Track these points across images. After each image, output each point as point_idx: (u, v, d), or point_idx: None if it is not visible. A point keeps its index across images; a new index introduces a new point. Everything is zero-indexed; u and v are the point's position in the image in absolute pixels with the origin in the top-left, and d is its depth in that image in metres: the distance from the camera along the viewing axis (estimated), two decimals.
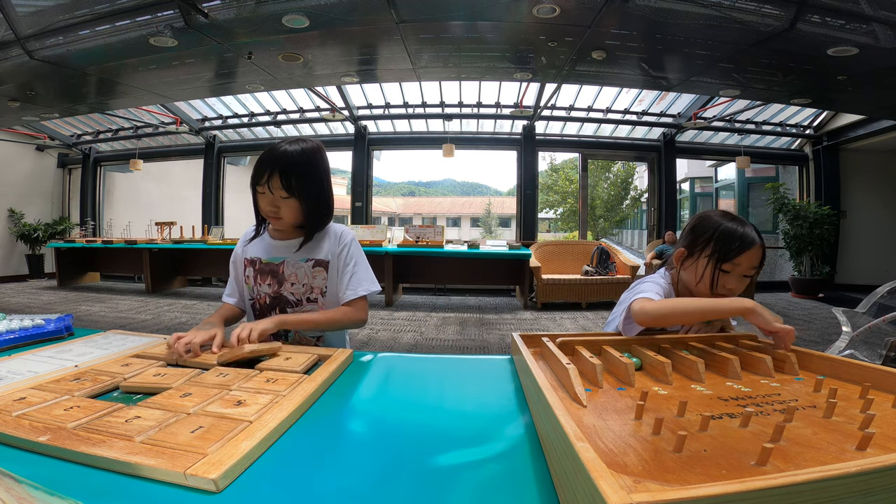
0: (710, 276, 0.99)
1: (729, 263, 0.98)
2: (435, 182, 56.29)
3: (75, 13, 3.05)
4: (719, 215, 1.04)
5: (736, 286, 0.99)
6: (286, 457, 0.52)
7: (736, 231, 0.98)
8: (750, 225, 1.01)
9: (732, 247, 0.97)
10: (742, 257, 0.97)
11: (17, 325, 1.02)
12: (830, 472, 0.32)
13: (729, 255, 0.97)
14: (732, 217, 1.02)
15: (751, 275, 1.00)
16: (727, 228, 0.99)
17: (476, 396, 0.76)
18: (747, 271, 0.99)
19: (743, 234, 0.98)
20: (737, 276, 0.99)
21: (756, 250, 0.98)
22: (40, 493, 0.30)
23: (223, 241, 5.98)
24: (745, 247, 0.97)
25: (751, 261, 0.98)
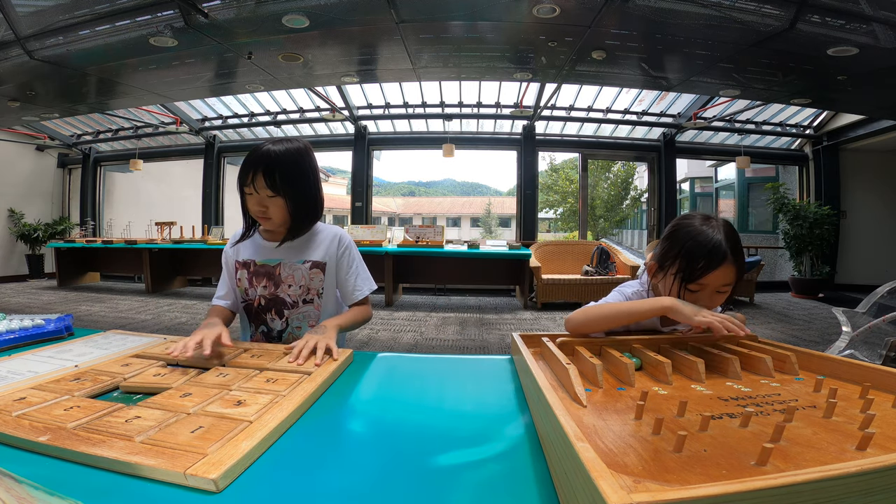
0: (675, 295, 0.90)
1: (695, 284, 0.89)
2: (435, 182, 56.29)
3: (75, 13, 3.04)
4: (694, 224, 0.93)
5: (709, 304, 0.89)
6: (286, 457, 0.52)
7: (703, 248, 0.88)
8: (727, 237, 0.89)
9: (697, 266, 0.87)
10: (709, 277, 0.87)
11: (17, 325, 1.02)
12: (830, 472, 0.32)
13: (694, 276, 0.88)
14: (708, 227, 0.91)
15: (725, 291, 0.91)
16: (695, 245, 0.89)
17: (476, 396, 0.76)
18: (720, 289, 0.90)
19: (711, 252, 0.87)
20: (708, 294, 0.90)
21: (726, 269, 0.87)
22: (40, 493, 0.30)
23: (223, 241, 5.98)
24: (712, 266, 0.87)
25: (720, 279, 0.88)
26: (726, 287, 0.90)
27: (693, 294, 0.90)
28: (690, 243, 0.90)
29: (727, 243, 0.88)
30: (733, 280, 0.89)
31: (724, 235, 0.89)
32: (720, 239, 0.88)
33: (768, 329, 4.23)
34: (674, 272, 0.91)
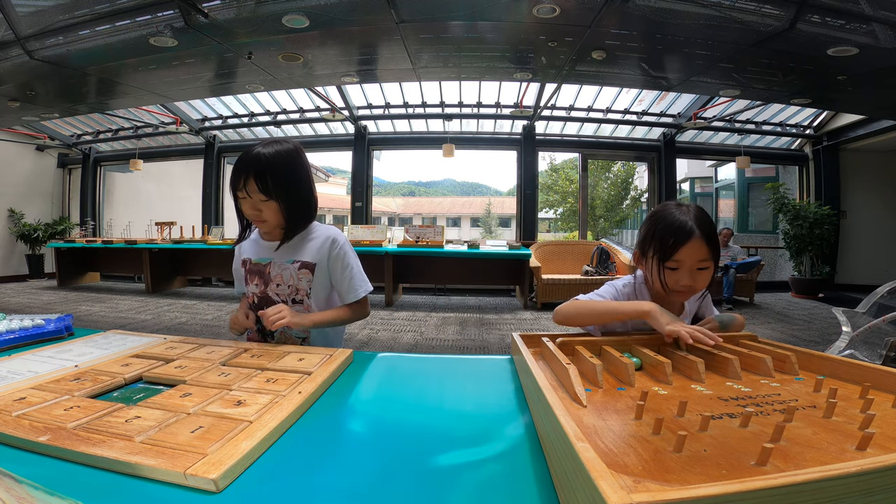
0: (657, 276, 0.96)
1: (671, 261, 0.94)
2: (435, 182, 56.30)
3: (75, 13, 3.05)
4: (665, 209, 0.99)
5: (690, 282, 0.94)
6: (286, 457, 0.52)
7: (672, 226, 0.94)
8: (696, 217, 0.95)
9: (669, 244, 0.94)
10: (681, 252, 0.93)
11: (17, 325, 1.02)
12: (830, 472, 0.32)
13: (668, 253, 0.94)
14: (678, 210, 0.97)
15: (704, 267, 0.95)
16: (665, 225, 0.96)
17: (476, 396, 0.76)
18: (697, 265, 0.94)
19: (679, 229, 0.93)
20: (687, 271, 0.94)
21: (696, 243, 0.92)
22: (40, 493, 0.30)
23: (223, 241, 5.98)
24: (682, 241, 0.92)
25: (694, 254, 0.93)
26: (703, 263, 0.94)
27: (674, 273, 0.95)
28: (661, 225, 0.96)
29: (695, 222, 0.94)
30: (707, 256, 0.93)
31: (692, 216, 0.95)
32: (687, 219, 0.94)
33: (768, 329, 4.23)
34: (652, 254, 0.97)
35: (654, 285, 0.99)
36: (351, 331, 4.01)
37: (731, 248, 5.89)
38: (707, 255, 0.93)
